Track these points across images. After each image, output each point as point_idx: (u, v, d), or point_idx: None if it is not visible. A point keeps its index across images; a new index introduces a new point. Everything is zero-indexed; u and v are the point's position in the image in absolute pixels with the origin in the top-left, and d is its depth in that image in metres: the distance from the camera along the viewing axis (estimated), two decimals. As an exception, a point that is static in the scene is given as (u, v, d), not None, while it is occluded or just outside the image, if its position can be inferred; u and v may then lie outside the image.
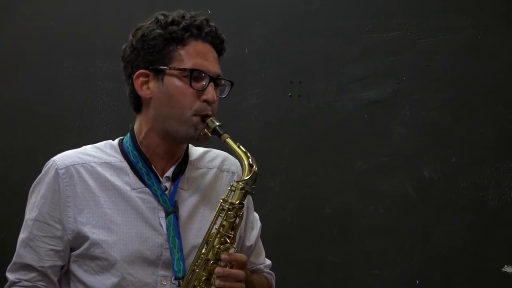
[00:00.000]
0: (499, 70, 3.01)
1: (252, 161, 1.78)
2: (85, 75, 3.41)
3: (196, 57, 1.81)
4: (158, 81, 1.81)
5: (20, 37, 3.50)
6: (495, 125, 3.01)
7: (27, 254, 1.83)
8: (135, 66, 1.84)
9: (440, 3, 3.10)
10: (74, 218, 1.81)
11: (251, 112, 3.23)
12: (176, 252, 1.81)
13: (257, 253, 2.07)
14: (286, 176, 3.19)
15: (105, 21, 3.40)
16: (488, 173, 3.00)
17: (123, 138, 1.93)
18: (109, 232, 1.80)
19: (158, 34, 1.81)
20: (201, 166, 1.96)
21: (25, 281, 1.83)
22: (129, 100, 1.90)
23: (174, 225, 1.82)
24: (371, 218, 3.10)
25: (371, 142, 3.12)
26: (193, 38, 1.82)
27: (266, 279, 2.06)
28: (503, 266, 2.96)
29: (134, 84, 1.84)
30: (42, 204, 1.83)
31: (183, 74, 1.80)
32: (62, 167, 1.84)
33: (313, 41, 3.19)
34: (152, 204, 1.84)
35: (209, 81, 1.81)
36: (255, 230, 2.04)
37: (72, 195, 1.82)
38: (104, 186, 1.84)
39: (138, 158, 1.86)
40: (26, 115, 3.46)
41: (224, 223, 1.76)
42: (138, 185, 1.85)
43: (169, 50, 1.81)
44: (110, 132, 3.30)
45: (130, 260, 1.80)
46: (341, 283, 3.12)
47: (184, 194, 1.89)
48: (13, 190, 3.37)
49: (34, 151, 3.36)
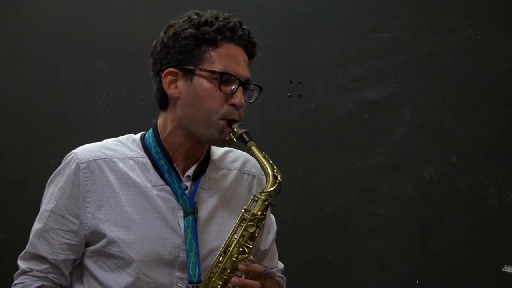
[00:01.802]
0: (499, 70, 3.01)
1: (277, 172, 1.79)
2: (85, 75, 3.41)
3: (227, 60, 1.80)
4: (187, 81, 1.80)
5: (20, 37, 3.50)
6: (495, 125, 3.01)
7: (40, 245, 1.81)
8: (165, 64, 1.81)
9: (440, 3, 3.10)
10: (92, 214, 1.79)
11: (251, 112, 3.22)
12: (193, 256, 1.79)
13: (271, 257, 2.06)
14: (286, 176, 3.16)
15: (105, 21, 3.40)
16: (488, 173, 3.00)
17: (145, 133, 1.90)
18: (128, 230, 1.78)
19: (191, 33, 1.79)
20: (223, 167, 1.94)
21: (37, 271, 1.81)
22: (154, 97, 1.87)
23: (192, 227, 1.81)
24: (371, 218, 3.10)
25: (371, 142, 3.12)
26: (225, 40, 1.81)
27: (278, 283, 2.05)
28: (503, 266, 2.96)
29: (162, 82, 1.82)
30: (60, 197, 1.81)
31: (213, 76, 1.78)
32: (84, 161, 1.81)
33: (313, 41, 3.19)
34: (171, 203, 1.82)
35: (238, 85, 1.80)
36: (271, 234, 2.04)
37: (92, 190, 1.80)
38: (124, 183, 1.82)
39: (160, 155, 1.84)
40: (26, 115, 3.45)
41: (244, 233, 1.75)
42: (159, 182, 1.83)
43: (201, 50, 1.79)
44: (110, 132, 3.30)
45: (147, 261, 1.78)
46: (341, 283, 3.12)
47: (204, 195, 1.87)
48: (13, 190, 3.36)
49: (34, 151, 3.36)
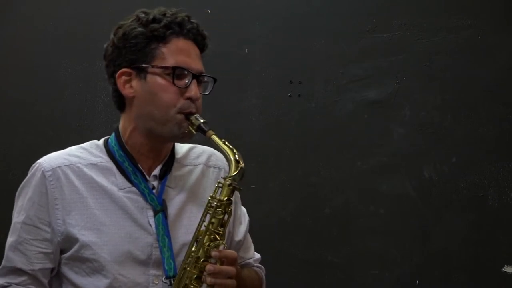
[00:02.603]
0: (499, 70, 3.01)
1: (239, 156, 1.76)
2: (85, 75, 3.41)
3: (178, 55, 1.80)
4: (140, 79, 1.80)
5: (20, 37, 3.50)
6: (495, 125, 3.01)
7: (16, 258, 1.82)
8: (117, 65, 1.83)
9: (440, 3, 3.10)
10: (63, 220, 1.80)
11: (251, 112, 3.23)
12: (166, 251, 1.80)
13: (246, 248, 2.06)
14: (286, 176, 3.18)
15: (105, 21, 3.37)
16: (488, 173, 3.00)
17: (108, 138, 1.92)
18: (99, 233, 1.79)
19: (140, 32, 1.80)
20: (188, 163, 1.94)
21: (15, 284, 1.81)
22: (112, 99, 1.89)
23: (162, 223, 1.81)
24: (371, 218, 3.10)
25: (371, 142, 3.12)
26: (174, 35, 1.81)
27: (256, 273, 2.05)
28: (503, 266, 2.96)
29: (117, 83, 1.83)
30: (29, 207, 1.83)
31: (165, 72, 1.79)
32: (49, 169, 1.83)
33: (313, 41, 3.19)
34: (140, 204, 1.83)
35: (192, 79, 1.80)
36: (243, 224, 2.03)
37: (60, 197, 1.81)
38: (91, 187, 1.83)
39: (124, 158, 1.85)
40: (26, 115, 3.46)
41: (213, 220, 1.75)
42: (125, 184, 1.84)
43: (151, 48, 1.80)
44: (110, 132, 3.27)
45: (120, 261, 1.79)
46: (341, 283, 3.12)
47: (172, 192, 1.88)
48: (13, 190, 3.35)
49: (34, 151, 3.32)
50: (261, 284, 2.07)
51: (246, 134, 3.17)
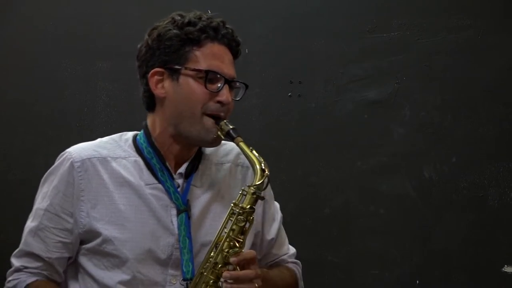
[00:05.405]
0: (499, 70, 3.01)
1: (265, 166, 1.78)
2: (85, 75, 3.41)
3: (211, 59, 1.81)
4: (173, 80, 1.81)
5: (20, 37, 3.49)
6: (495, 125, 3.01)
7: (35, 244, 1.82)
8: (150, 65, 1.83)
9: (440, 3, 3.10)
10: (87, 212, 1.80)
11: (251, 112, 3.22)
12: (186, 253, 1.80)
13: (280, 244, 2.05)
14: (286, 176, 3.18)
15: (105, 21, 3.40)
16: (488, 173, 3.00)
17: (136, 134, 1.92)
18: (122, 229, 1.80)
19: (174, 34, 1.81)
20: (216, 161, 1.95)
21: (31, 268, 1.82)
22: (142, 99, 1.89)
23: (185, 224, 1.82)
24: (371, 218, 3.10)
25: (371, 142, 3.12)
26: (209, 39, 1.82)
27: (288, 270, 2.05)
28: (503, 266, 2.96)
29: (149, 83, 1.83)
30: (54, 195, 1.82)
31: (198, 75, 1.80)
32: (78, 160, 1.83)
33: (313, 41, 3.19)
34: (164, 202, 1.84)
35: (224, 83, 1.81)
36: (276, 221, 2.04)
37: (86, 189, 1.81)
38: (118, 182, 1.83)
39: (152, 154, 1.86)
40: (26, 115, 3.45)
41: (234, 227, 1.75)
42: (152, 180, 1.84)
43: (185, 50, 1.81)
44: (110, 132, 3.24)
45: (141, 259, 1.79)
46: (341, 283, 3.12)
47: (197, 191, 1.88)
48: (13, 190, 3.36)
49: (34, 151, 3.36)
50: (295, 280, 2.06)
51: (246, 134, 3.16)
